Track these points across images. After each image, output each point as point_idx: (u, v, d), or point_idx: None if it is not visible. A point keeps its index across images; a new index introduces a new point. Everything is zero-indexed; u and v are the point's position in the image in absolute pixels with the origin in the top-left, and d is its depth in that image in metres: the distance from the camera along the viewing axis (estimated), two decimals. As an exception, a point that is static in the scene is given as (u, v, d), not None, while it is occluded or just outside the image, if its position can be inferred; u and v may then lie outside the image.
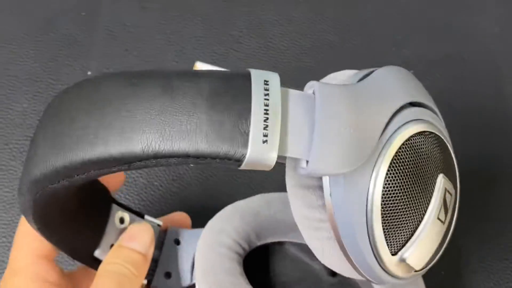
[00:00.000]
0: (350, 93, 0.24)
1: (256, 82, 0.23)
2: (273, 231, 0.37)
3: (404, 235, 0.26)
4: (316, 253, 0.28)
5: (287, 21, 0.55)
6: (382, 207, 0.25)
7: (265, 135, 0.22)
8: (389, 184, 0.24)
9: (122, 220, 0.34)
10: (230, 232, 0.35)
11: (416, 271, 0.28)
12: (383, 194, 0.24)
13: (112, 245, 0.33)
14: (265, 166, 0.23)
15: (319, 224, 0.27)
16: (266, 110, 0.23)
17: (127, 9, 0.54)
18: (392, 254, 0.26)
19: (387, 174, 0.24)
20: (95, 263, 0.31)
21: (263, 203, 0.37)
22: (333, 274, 0.37)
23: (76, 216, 0.30)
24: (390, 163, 0.24)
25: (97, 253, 0.32)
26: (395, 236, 0.26)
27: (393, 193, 0.25)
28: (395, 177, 0.24)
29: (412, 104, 0.26)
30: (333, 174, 0.24)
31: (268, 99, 0.23)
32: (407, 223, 0.26)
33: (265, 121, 0.22)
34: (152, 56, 0.51)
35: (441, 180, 0.26)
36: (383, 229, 0.25)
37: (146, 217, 0.36)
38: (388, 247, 0.26)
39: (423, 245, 0.27)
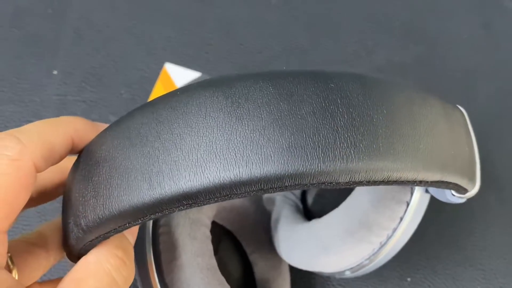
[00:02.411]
0: None
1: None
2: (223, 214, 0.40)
3: None
4: (341, 252, 0.34)
5: (259, 23, 0.54)
6: None
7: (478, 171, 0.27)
8: None
9: None
10: (207, 210, 0.35)
11: None
12: None
13: None
14: (470, 196, 0.27)
15: (383, 231, 0.32)
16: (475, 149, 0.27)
17: (96, 7, 0.53)
18: None
19: None
20: None
21: None
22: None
23: None
24: None
25: None
26: None
27: None
28: None
29: None
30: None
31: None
32: None
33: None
34: (120, 56, 0.51)
35: None
36: None
37: None
38: None
39: None
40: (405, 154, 0.21)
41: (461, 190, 0.26)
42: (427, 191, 0.31)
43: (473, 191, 0.26)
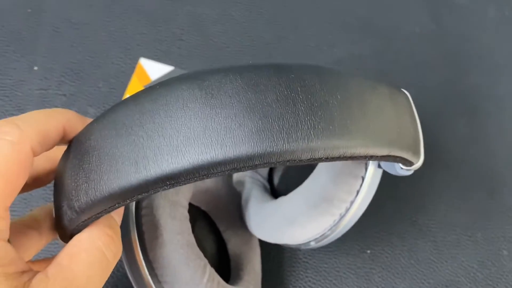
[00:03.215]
0: None
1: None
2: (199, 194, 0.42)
3: None
4: (304, 225, 0.37)
5: (227, 19, 0.57)
6: None
7: (422, 146, 0.29)
8: None
9: None
10: (184, 192, 0.37)
11: None
12: None
13: None
14: (415, 168, 0.29)
15: (342, 204, 0.35)
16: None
17: (72, 6, 0.55)
18: None
19: None
20: None
21: None
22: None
23: None
24: None
25: None
26: None
27: None
28: None
29: None
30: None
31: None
32: None
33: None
34: (97, 52, 0.53)
35: None
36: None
37: None
38: None
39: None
40: (357, 133, 0.24)
41: (407, 163, 0.28)
42: (379, 166, 0.34)
43: (418, 163, 0.29)
